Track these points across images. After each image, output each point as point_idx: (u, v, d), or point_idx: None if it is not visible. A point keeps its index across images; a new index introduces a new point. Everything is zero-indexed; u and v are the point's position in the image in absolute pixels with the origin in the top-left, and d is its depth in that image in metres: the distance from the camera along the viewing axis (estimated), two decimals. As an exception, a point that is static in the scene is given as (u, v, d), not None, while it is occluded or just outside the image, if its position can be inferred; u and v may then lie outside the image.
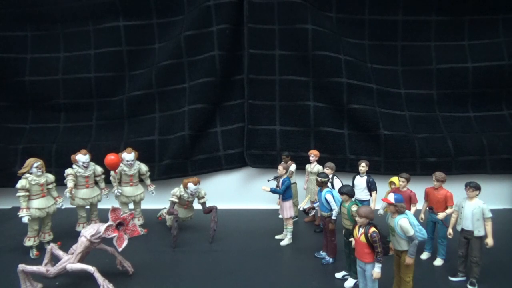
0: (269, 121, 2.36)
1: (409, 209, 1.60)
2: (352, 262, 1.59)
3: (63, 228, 1.93)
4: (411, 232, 1.39)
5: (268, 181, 2.02)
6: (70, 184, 1.85)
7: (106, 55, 2.43)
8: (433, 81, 2.41)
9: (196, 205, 1.99)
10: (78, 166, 1.89)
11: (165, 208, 2.01)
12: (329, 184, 1.81)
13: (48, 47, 2.45)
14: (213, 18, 2.30)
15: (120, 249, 1.42)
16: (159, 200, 2.18)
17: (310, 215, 1.98)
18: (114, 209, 1.41)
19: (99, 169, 1.96)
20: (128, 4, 2.38)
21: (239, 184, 2.43)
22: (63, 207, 1.82)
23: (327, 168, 1.93)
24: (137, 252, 1.68)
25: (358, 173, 1.92)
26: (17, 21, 2.41)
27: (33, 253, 1.70)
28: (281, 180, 1.85)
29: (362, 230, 1.40)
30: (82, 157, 1.88)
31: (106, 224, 1.38)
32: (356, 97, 2.31)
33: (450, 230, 1.60)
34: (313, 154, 2.08)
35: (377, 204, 1.90)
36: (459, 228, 1.55)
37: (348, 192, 1.59)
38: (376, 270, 1.39)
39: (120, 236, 1.41)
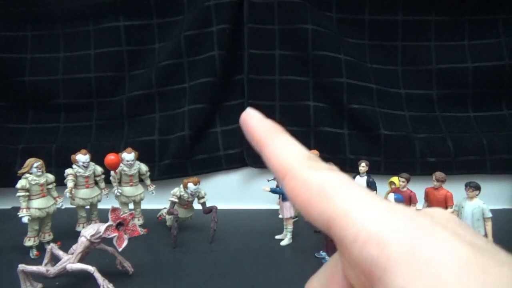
0: (269, 121, 2.35)
1: (409, 209, 1.59)
2: (352, 262, 1.58)
3: (63, 228, 1.92)
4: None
5: (268, 181, 2.02)
6: (70, 184, 1.83)
7: (106, 55, 2.42)
8: (433, 81, 2.40)
9: (196, 205, 1.99)
10: (78, 166, 1.88)
11: (165, 208, 2.01)
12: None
13: (48, 47, 2.45)
14: (213, 18, 2.30)
15: (120, 249, 1.42)
16: (159, 200, 2.17)
17: (310, 215, 1.98)
18: (114, 209, 1.40)
19: (99, 169, 1.95)
20: (128, 4, 2.38)
21: (239, 184, 2.43)
22: (63, 207, 1.82)
23: (327, 168, 1.93)
24: (137, 252, 1.67)
25: (358, 173, 1.92)
26: (17, 21, 2.41)
27: (33, 253, 1.70)
28: (281, 180, 1.85)
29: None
30: (82, 157, 1.87)
31: (106, 224, 1.38)
32: (356, 97, 2.31)
33: (450, 230, 1.60)
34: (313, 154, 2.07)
35: (377, 204, 1.89)
36: (459, 228, 1.55)
37: (348, 192, 1.59)
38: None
39: (120, 236, 1.40)
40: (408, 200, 1.68)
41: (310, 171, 0.24)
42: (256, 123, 0.29)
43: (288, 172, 0.25)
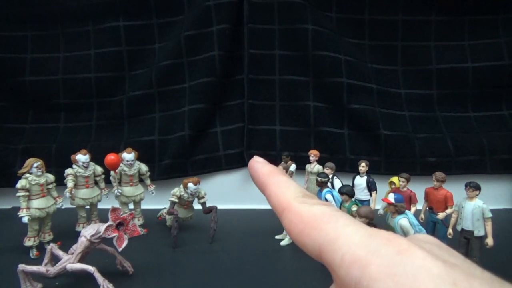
0: (269, 121, 2.36)
1: (409, 209, 1.59)
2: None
3: (63, 228, 1.92)
4: (411, 232, 1.39)
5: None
6: (70, 184, 1.84)
7: (106, 55, 2.42)
8: (433, 81, 2.40)
9: (196, 205, 1.99)
10: (78, 166, 1.88)
11: (165, 208, 2.01)
12: (329, 184, 1.81)
13: (48, 47, 2.45)
14: (213, 18, 2.30)
15: (120, 249, 1.42)
16: (159, 200, 2.18)
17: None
18: (114, 209, 1.40)
19: (99, 169, 1.95)
20: (128, 4, 2.38)
21: (239, 184, 2.43)
22: (63, 207, 1.82)
23: (327, 168, 1.93)
24: (137, 252, 1.68)
25: (358, 173, 1.92)
26: (17, 21, 2.41)
27: (33, 253, 1.70)
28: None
29: (362, 230, 1.40)
30: (82, 157, 1.87)
31: (106, 224, 1.38)
32: (356, 97, 2.31)
33: (450, 230, 1.60)
34: (313, 154, 2.07)
35: (377, 204, 1.90)
36: (459, 228, 1.55)
37: (348, 192, 1.58)
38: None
39: (120, 236, 1.40)
40: (408, 200, 1.67)
41: (304, 205, 0.27)
42: (259, 167, 0.33)
43: (285, 207, 0.27)
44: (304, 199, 0.28)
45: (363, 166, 1.89)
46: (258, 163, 0.34)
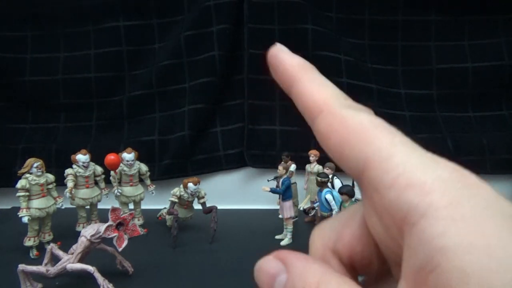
0: (269, 121, 2.35)
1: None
2: (352, 262, 1.57)
3: (63, 228, 1.92)
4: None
5: (268, 181, 2.01)
6: (70, 184, 1.83)
7: (106, 55, 2.42)
8: (433, 81, 2.40)
9: (196, 205, 1.99)
10: (78, 166, 1.88)
11: (165, 208, 2.01)
12: (329, 184, 1.81)
13: (48, 47, 2.44)
14: (213, 18, 2.29)
15: (120, 249, 1.42)
16: (159, 200, 2.17)
17: (310, 215, 1.98)
18: (114, 209, 1.40)
19: (99, 169, 1.95)
20: (128, 4, 2.38)
21: (239, 184, 2.43)
22: (63, 207, 1.82)
23: (327, 168, 1.93)
24: (137, 252, 1.67)
25: (358, 173, 1.91)
26: (17, 21, 2.40)
27: (33, 253, 1.70)
28: (281, 180, 1.84)
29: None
30: (82, 157, 1.87)
31: (106, 224, 1.38)
32: (356, 97, 2.27)
33: (450, 230, 1.60)
34: (313, 154, 2.07)
35: (377, 204, 1.89)
36: (459, 228, 1.55)
37: (348, 192, 1.58)
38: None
39: (120, 236, 1.40)
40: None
41: (349, 110, 0.23)
42: (287, 57, 0.27)
43: (324, 109, 0.23)
44: (348, 102, 0.24)
45: (363, 166, 1.88)
46: (283, 52, 0.27)
